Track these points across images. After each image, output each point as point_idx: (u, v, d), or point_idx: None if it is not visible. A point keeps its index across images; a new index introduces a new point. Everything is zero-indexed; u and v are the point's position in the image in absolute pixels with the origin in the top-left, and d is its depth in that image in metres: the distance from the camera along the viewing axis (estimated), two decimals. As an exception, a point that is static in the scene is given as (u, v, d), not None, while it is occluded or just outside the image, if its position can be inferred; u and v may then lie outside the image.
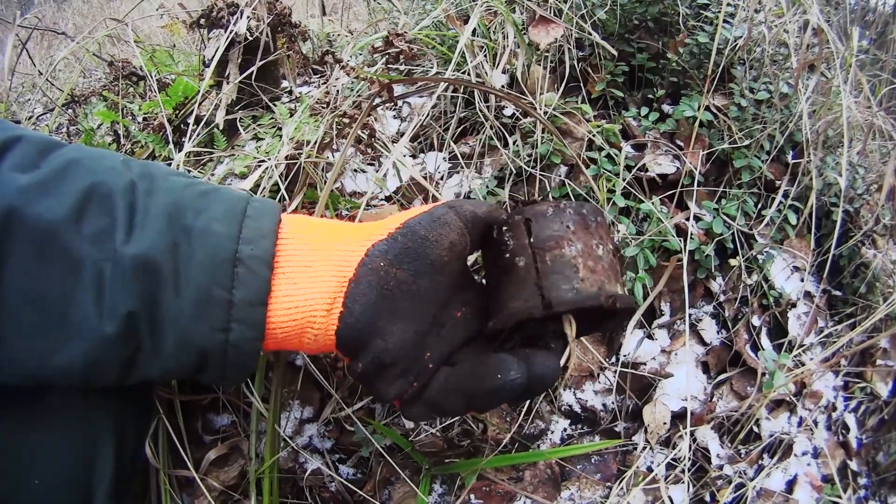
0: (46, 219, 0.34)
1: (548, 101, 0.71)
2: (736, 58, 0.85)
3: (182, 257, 0.37)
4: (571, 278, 0.39)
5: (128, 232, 0.36)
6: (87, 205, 0.36)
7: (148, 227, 0.37)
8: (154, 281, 0.36)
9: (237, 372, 0.40)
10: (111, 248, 0.35)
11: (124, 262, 0.35)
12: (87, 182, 0.36)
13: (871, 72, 1.19)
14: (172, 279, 0.36)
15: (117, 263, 0.35)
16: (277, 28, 0.76)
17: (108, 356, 0.36)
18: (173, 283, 0.36)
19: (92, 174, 0.37)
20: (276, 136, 0.69)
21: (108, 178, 0.37)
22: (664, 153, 0.76)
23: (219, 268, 0.37)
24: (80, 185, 0.36)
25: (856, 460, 0.95)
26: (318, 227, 0.43)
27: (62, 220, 0.35)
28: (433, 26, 0.79)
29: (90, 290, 0.35)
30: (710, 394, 0.79)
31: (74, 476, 0.44)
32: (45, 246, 0.35)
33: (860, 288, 0.93)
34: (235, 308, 0.38)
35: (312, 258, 0.40)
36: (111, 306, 0.35)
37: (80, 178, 0.37)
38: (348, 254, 0.41)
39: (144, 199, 0.38)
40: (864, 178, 0.99)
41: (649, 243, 0.70)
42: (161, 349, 0.37)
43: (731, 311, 0.81)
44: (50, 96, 1.15)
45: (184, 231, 0.37)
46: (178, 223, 0.37)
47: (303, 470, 0.67)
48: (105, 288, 0.35)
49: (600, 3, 0.79)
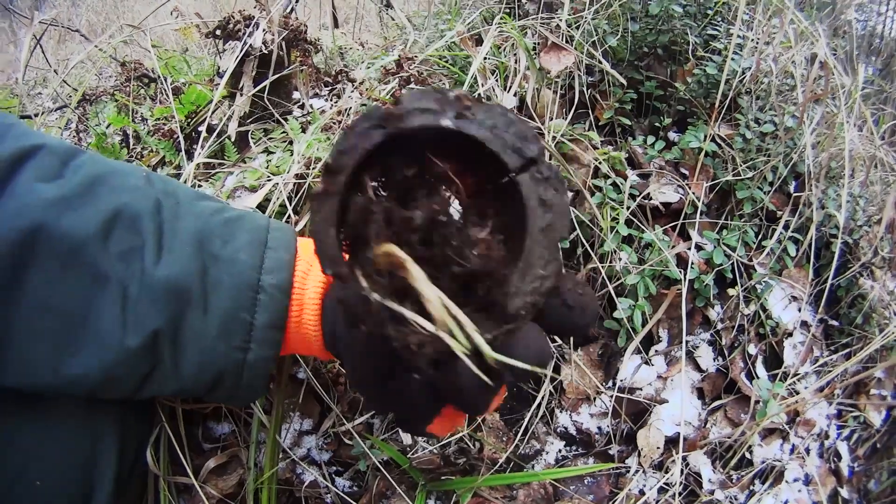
0: (73, 235, 0.36)
1: (556, 128, 0.72)
2: (743, 88, 0.86)
3: (211, 282, 0.40)
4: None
5: (157, 253, 0.39)
6: (115, 224, 0.38)
7: (177, 251, 0.39)
8: (182, 301, 0.38)
9: (247, 392, 0.43)
10: (139, 268, 0.38)
11: (154, 283, 0.38)
12: (114, 201, 0.39)
13: (876, 104, 1.20)
14: (201, 301, 0.39)
15: (145, 283, 0.38)
16: (292, 42, 0.77)
17: (126, 369, 0.38)
18: (201, 304, 0.39)
19: (118, 192, 0.39)
20: (286, 151, 0.70)
21: (134, 197, 0.40)
22: (668, 182, 0.77)
23: (243, 294, 0.41)
24: (107, 204, 0.38)
25: (847, 488, 0.95)
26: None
27: (89, 236, 0.37)
28: (446, 47, 0.80)
29: (115, 305, 0.37)
30: (705, 420, 0.80)
31: (75, 478, 0.45)
32: (71, 260, 0.36)
33: (857, 319, 0.94)
34: (256, 330, 0.41)
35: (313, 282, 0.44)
36: (136, 322, 0.37)
37: (106, 196, 0.39)
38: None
39: (172, 222, 0.40)
40: (865, 209, 1.00)
41: (650, 272, 0.71)
42: (181, 365, 0.40)
43: (728, 339, 0.82)
44: (62, 94, 1.16)
45: (212, 258, 0.40)
46: (206, 250, 0.40)
47: (300, 481, 0.68)
48: (130, 304, 0.37)
49: (612, 31, 0.80)
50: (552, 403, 0.75)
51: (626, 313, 0.71)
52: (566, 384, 0.74)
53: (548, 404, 0.74)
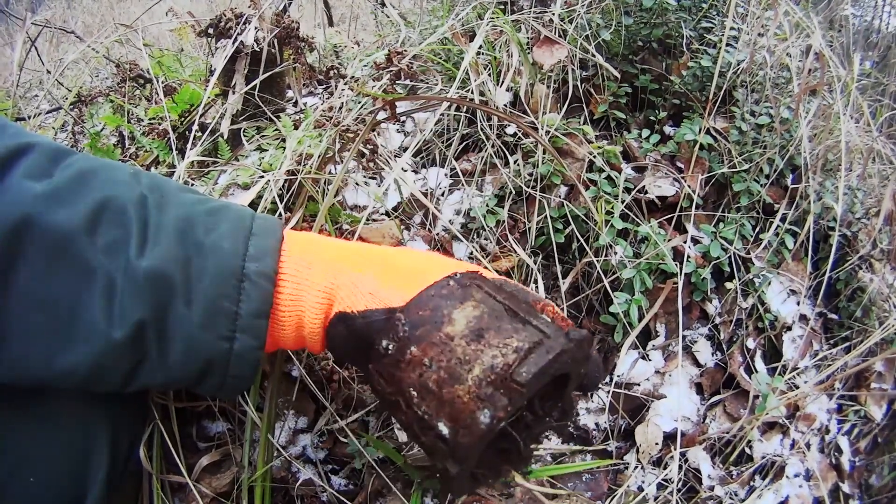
0: (60, 228, 0.36)
1: (550, 122, 0.71)
2: (738, 81, 0.85)
3: (194, 271, 0.39)
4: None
5: (141, 245, 0.38)
6: (101, 216, 0.38)
7: (161, 242, 0.39)
8: (166, 292, 0.38)
9: (236, 382, 0.42)
10: (124, 260, 0.37)
11: (137, 274, 0.37)
12: (100, 194, 0.38)
13: (873, 96, 1.20)
14: (184, 291, 0.39)
15: (130, 274, 0.37)
16: (285, 40, 0.77)
17: (113, 361, 0.38)
18: (184, 294, 0.39)
19: (105, 186, 0.39)
20: (279, 148, 0.70)
21: (120, 191, 0.39)
22: (664, 175, 0.77)
23: (227, 282, 0.40)
24: (93, 197, 0.38)
25: (848, 483, 0.95)
26: (317, 245, 0.45)
27: (76, 229, 0.37)
28: (439, 42, 0.80)
29: (101, 298, 0.37)
30: (703, 415, 0.79)
31: (68, 476, 0.45)
32: (58, 253, 0.36)
33: (856, 312, 0.94)
34: (241, 319, 0.40)
35: (307, 275, 0.43)
36: (121, 314, 0.37)
37: (93, 190, 0.39)
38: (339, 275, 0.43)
39: (156, 214, 0.40)
40: (863, 202, 0.99)
41: (646, 266, 0.71)
42: (168, 356, 0.39)
43: (726, 334, 0.81)
44: (56, 95, 1.16)
45: (195, 246, 0.40)
46: (189, 239, 0.40)
47: (295, 479, 0.67)
48: (115, 296, 0.37)
49: (605, 25, 0.80)
50: (549, 399, 0.74)
51: (623, 308, 0.71)
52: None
53: (544, 400, 0.73)
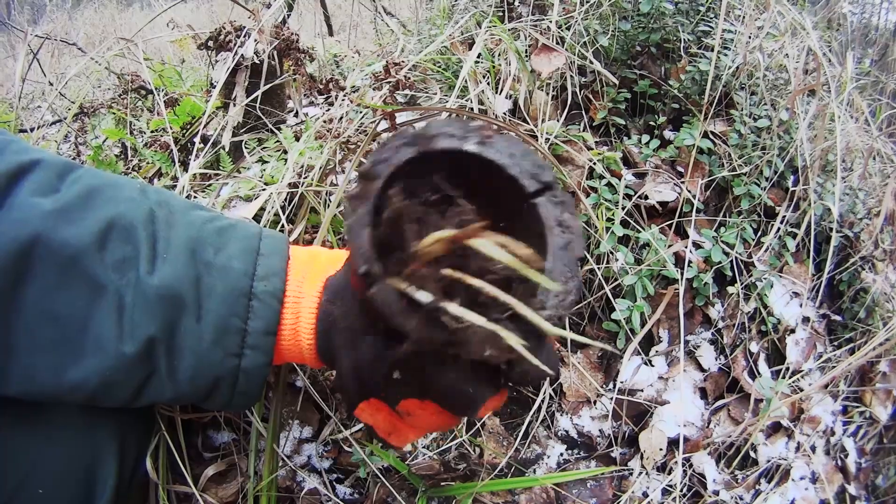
0: (70, 245, 0.37)
1: (549, 130, 0.72)
2: (737, 84, 0.86)
3: (204, 289, 0.40)
4: None
5: (151, 262, 0.39)
6: (110, 233, 0.39)
7: (171, 260, 0.40)
8: (176, 309, 0.39)
9: (243, 398, 0.43)
10: (134, 276, 0.38)
11: (148, 290, 0.38)
12: (108, 211, 0.39)
13: (872, 95, 1.19)
14: (194, 308, 0.40)
15: (140, 290, 0.38)
16: (285, 52, 0.78)
17: (123, 375, 0.39)
18: (195, 311, 0.40)
19: (113, 203, 0.40)
20: (280, 160, 0.70)
21: (128, 207, 0.40)
22: (665, 181, 0.77)
23: (236, 301, 0.41)
24: (102, 214, 0.39)
25: (854, 484, 0.94)
26: (318, 261, 0.46)
27: (85, 246, 0.37)
28: (438, 51, 0.80)
29: (111, 313, 0.38)
30: (708, 420, 0.79)
31: (76, 487, 0.46)
32: (68, 270, 0.37)
33: (860, 313, 0.93)
34: (249, 336, 0.41)
35: (310, 291, 0.44)
36: (131, 329, 0.38)
37: (101, 207, 0.39)
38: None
39: (165, 231, 0.41)
40: (865, 202, 0.99)
41: (647, 272, 0.71)
42: (177, 372, 0.40)
43: (729, 338, 0.81)
44: (59, 107, 1.17)
45: (205, 265, 0.41)
46: (199, 258, 0.41)
47: (300, 489, 0.68)
48: (125, 312, 0.38)
49: (603, 31, 0.80)
50: (552, 407, 0.75)
51: (625, 314, 0.71)
52: (566, 387, 0.73)
53: (548, 408, 0.74)
